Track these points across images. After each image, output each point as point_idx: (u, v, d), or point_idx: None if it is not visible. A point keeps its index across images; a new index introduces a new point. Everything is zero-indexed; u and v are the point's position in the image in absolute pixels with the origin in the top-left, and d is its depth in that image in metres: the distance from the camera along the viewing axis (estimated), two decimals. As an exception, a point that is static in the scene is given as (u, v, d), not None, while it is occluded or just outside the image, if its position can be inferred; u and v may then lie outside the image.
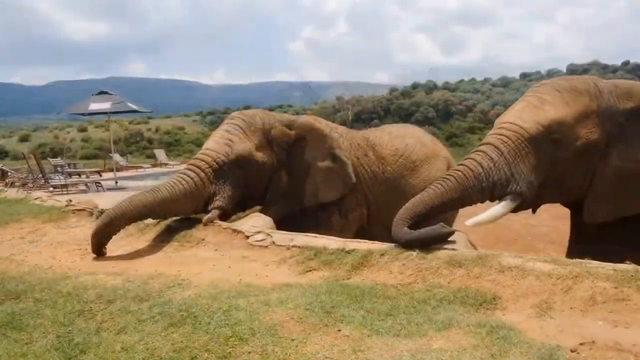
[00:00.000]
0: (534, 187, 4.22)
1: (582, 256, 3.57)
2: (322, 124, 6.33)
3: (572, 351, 2.57)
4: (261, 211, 6.08)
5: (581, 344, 2.63)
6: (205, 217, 5.49)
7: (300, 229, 5.42)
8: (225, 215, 5.76)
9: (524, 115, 4.31)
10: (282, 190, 5.99)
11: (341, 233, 5.61)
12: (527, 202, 4.29)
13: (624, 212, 4.38)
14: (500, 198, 4.19)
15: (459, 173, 4.16)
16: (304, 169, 5.98)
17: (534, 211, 5.21)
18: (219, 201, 5.56)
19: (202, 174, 5.52)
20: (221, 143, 5.77)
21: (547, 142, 4.19)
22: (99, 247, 5.20)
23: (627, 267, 3.25)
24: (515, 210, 4.31)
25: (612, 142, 4.34)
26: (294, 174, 6.00)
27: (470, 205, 4.26)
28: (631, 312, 2.86)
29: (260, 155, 5.82)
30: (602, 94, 4.32)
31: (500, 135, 4.27)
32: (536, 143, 4.18)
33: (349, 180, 5.98)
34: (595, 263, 3.37)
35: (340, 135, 6.39)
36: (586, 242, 4.76)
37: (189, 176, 5.47)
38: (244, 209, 6.13)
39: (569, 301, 3.08)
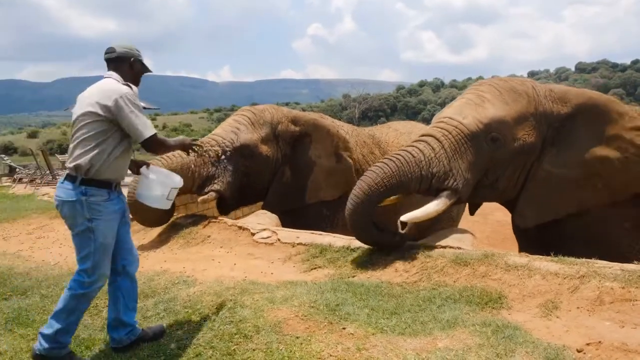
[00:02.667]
0: (469, 185, 4.18)
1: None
2: (328, 122, 6.31)
3: (578, 351, 2.56)
4: (263, 206, 6.07)
5: (588, 344, 2.62)
6: (201, 198, 5.49)
7: (304, 225, 5.41)
8: (222, 201, 5.75)
9: (464, 111, 4.27)
10: (285, 186, 5.98)
11: (346, 230, 5.60)
12: (462, 200, 4.28)
13: (553, 215, 4.36)
14: (436, 192, 4.13)
15: (400, 157, 4.09)
16: (308, 166, 5.96)
17: (471, 212, 5.26)
18: (217, 184, 5.55)
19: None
20: (228, 130, 5.80)
21: (486, 140, 4.16)
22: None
23: (635, 267, 3.22)
24: (449, 208, 4.25)
25: (546, 146, 4.33)
26: (297, 170, 5.99)
27: (409, 190, 4.16)
28: (638, 312, 2.84)
29: (265, 148, 5.82)
30: (539, 97, 4.32)
31: (441, 128, 4.22)
32: (475, 140, 4.14)
33: (351, 182, 5.97)
34: (602, 263, 3.35)
35: (347, 132, 6.37)
36: (528, 244, 4.77)
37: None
38: (243, 200, 6.10)
39: (575, 301, 3.06)
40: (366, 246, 4.32)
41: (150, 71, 3.10)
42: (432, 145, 4.13)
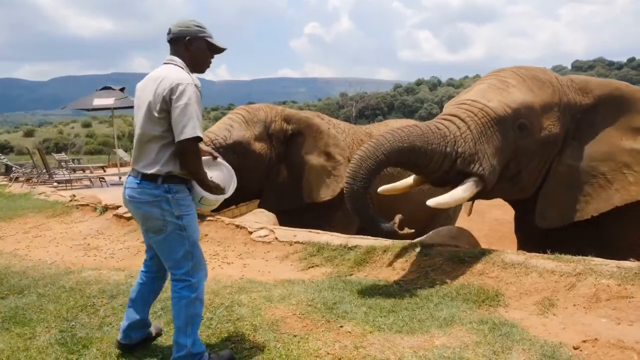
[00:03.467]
0: (496, 173, 3.78)
1: None
2: (324, 120, 6.30)
3: (574, 348, 2.56)
4: (260, 205, 6.06)
5: (584, 341, 2.63)
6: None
7: (303, 224, 5.41)
8: None
9: (487, 95, 3.87)
10: (282, 185, 5.97)
11: (345, 229, 5.60)
12: (487, 189, 3.79)
13: (577, 216, 4.00)
14: (457, 178, 3.71)
15: (425, 126, 3.70)
16: (301, 165, 5.95)
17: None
18: None
19: None
20: (222, 128, 5.81)
21: (513, 127, 3.80)
22: None
23: (631, 264, 3.23)
24: (481, 196, 3.92)
25: (568, 139, 4.05)
26: (292, 169, 5.98)
27: (428, 168, 3.68)
28: (634, 309, 2.85)
29: (258, 146, 5.80)
30: (562, 87, 4.05)
31: (465, 109, 3.80)
32: (502, 125, 3.76)
33: (343, 180, 5.95)
34: (598, 260, 3.36)
35: (343, 131, 6.35)
36: (531, 246, 4.31)
37: None
38: (235, 198, 6.11)
39: (572, 298, 3.07)
40: (364, 244, 4.32)
41: (220, 50, 2.69)
42: (456, 124, 3.71)
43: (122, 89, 13.68)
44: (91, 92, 14.06)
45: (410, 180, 4.08)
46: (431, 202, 3.60)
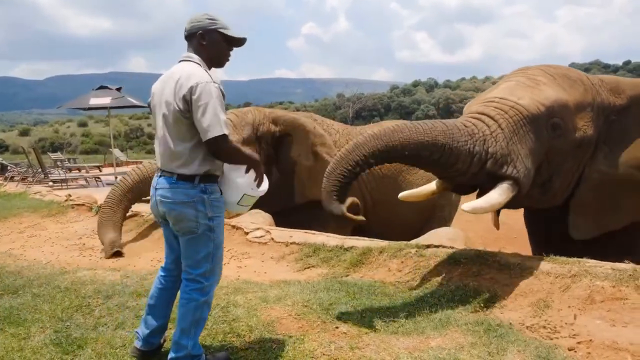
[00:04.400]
0: (530, 177, 3.45)
1: None
2: (317, 121, 6.31)
3: (569, 350, 2.57)
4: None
5: (578, 342, 2.64)
6: None
7: (295, 225, 5.41)
8: None
9: (516, 92, 3.57)
10: (274, 187, 5.96)
11: (338, 230, 5.60)
12: (522, 193, 3.44)
13: (614, 225, 3.83)
14: (488, 181, 3.37)
15: (450, 123, 3.35)
16: (291, 166, 5.94)
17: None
18: None
19: None
20: None
21: (547, 126, 3.50)
22: None
23: (626, 266, 3.24)
24: (510, 204, 3.51)
25: (599, 143, 3.80)
26: (283, 170, 5.97)
27: (454, 169, 3.30)
28: (629, 311, 2.86)
29: (247, 150, 5.76)
30: (594, 87, 3.81)
31: (494, 107, 3.47)
32: (535, 124, 3.44)
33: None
34: (593, 262, 3.37)
35: (337, 131, 6.35)
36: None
37: None
38: None
39: (567, 300, 3.08)
40: (360, 245, 4.33)
41: (238, 40, 2.58)
42: (485, 122, 3.36)
43: (118, 89, 13.65)
44: (88, 91, 14.03)
45: (433, 185, 3.75)
46: (466, 206, 3.32)
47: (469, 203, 3.34)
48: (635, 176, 3.75)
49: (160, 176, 2.50)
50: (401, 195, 3.80)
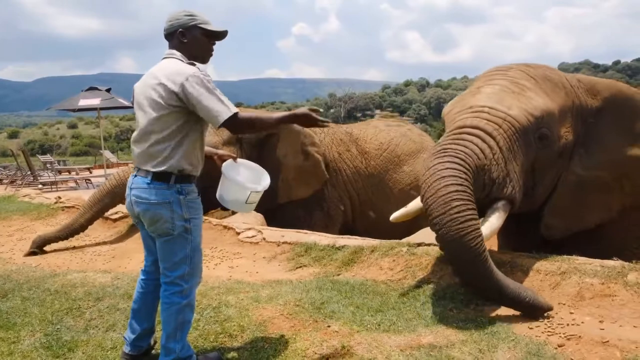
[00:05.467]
0: (521, 192, 3.43)
1: None
2: None
3: (559, 346, 2.60)
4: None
5: (568, 339, 2.66)
6: None
7: (280, 225, 5.41)
8: None
9: (505, 101, 3.43)
10: None
11: (326, 229, 5.60)
12: (514, 210, 3.43)
13: (582, 225, 3.81)
14: (491, 203, 3.31)
15: (463, 164, 3.09)
16: (276, 165, 5.91)
17: None
18: None
19: None
20: None
21: (535, 137, 3.44)
22: None
23: (614, 263, 3.28)
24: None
25: (577, 146, 3.74)
26: (266, 170, 5.94)
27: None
28: (617, 307, 2.89)
29: (227, 151, 5.71)
30: (573, 89, 3.75)
31: (489, 120, 3.32)
32: (525, 137, 3.38)
33: (322, 177, 5.93)
34: (582, 259, 3.40)
35: (322, 131, 6.37)
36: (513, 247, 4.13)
37: None
38: (207, 203, 6.05)
39: (556, 297, 3.11)
40: (351, 244, 4.34)
41: (220, 35, 2.56)
42: (488, 144, 3.23)
43: (108, 90, 13.57)
44: (77, 92, 13.94)
45: (419, 201, 3.54)
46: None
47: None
48: (605, 178, 3.76)
49: (135, 176, 2.47)
50: (392, 217, 3.77)
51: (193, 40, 2.48)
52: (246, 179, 2.66)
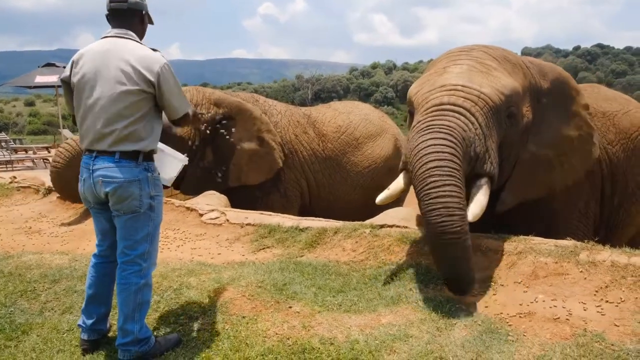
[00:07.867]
0: (497, 169, 3.45)
1: None
2: (259, 102, 6.27)
3: (513, 323, 2.69)
4: (180, 189, 5.97)
5: (522, 316, 2.75)
6: None
7: (237, 207, 5.38)
8: None
9: (475, 80, 3.45)
10: (204, 169, 5.87)
11: (284, 211, 5.59)
12: (493, 188, 3.45)
13: (521, 199, 3.89)
14: (473, 180, 3.33)
15: (451, 138, 3.13)
16: (230, 149, 5.86)
17: None
18: None
19: None
20: None
21: (504, 115, 3.48)
22: None
23: (567, 243, 3.39)
24: None
25: (532, 125, 3.84)
26: (219, 153, 5.89)
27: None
28: (569, 285, 3.00)
29: (179, 130, 5.62)
30: (529, 70, 3.86)
31: (466, 99, 3.33)
32: (497, 115, 3.41)
33: (275, 165, 5.91)
34: (538, 239, 3.50)
35: (279, 112, 6.31)
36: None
37: None
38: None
39: (512, 276, 3.20)
40: (315, 226, 4.35)
41: (151, 22, 2.68)
42: (469, 119, 3.26)
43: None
44: (33, 69, 13.39)
45: (400, 182, 3.58)
46: (470, 216, 3.16)
47: (470, 212, 3.18)
48: (549, 156, 3.94)
49: (95, 157, 2.43)
50: (378, 200, 3.66)
51: (146, 25, 2.61)
52: (176, 152, 2.83)
